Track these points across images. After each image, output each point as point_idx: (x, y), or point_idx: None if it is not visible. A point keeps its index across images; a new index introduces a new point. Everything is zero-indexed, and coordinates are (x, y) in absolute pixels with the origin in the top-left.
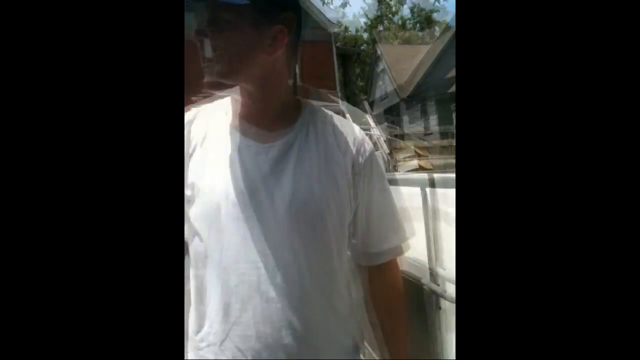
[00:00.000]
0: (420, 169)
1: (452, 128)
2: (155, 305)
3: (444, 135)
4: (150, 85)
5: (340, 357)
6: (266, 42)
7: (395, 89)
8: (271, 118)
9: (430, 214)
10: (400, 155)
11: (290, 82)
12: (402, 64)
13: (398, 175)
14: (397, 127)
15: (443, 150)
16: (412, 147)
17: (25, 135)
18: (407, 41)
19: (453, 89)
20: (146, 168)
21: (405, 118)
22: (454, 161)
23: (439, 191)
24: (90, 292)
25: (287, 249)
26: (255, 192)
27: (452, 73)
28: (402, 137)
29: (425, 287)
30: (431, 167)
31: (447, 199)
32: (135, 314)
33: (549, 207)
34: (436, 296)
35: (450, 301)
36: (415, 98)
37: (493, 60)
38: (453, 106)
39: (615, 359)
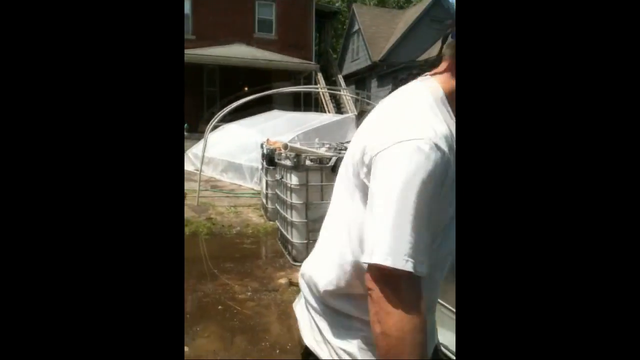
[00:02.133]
0: None
1: None
2: (155, 305)
3: None
4: (150, 85)
5: None
6: None
7: (367, 52)
8: None
9: None
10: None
11: None
12: (376, 26)
13: None
14: (365, 90)
15: None
16: None
17: (29, 134)
18: (382, 3)
19: (422, 56)
20: (146, 168)
21: (374, 82)
22: None
23: None
24: (90, 291)
25: None
26: None
27: (425, 41)
28: (369, 99)
29: None
30: None
31: None
32: (136, 314)
33: (549, 206)
34: None
35: None
36: (386, 62)
37: (493, 59)
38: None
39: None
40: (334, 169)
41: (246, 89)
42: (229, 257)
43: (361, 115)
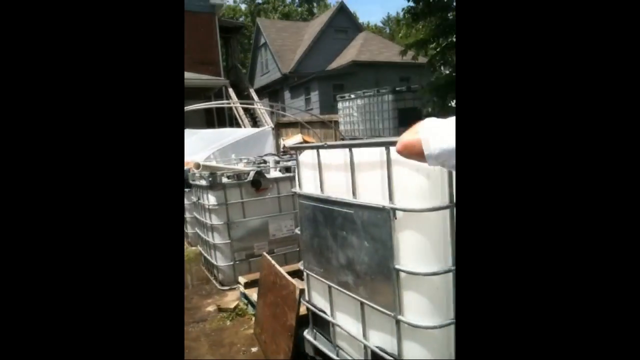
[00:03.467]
0: (305, 141)
1: (339, 101)
2: (156, 304)
3: (324, 109)
4: (150, 84)
5: None
6: None
7: (276, 64)
8: None
9: None
10: (282, 129)
11: None
12: (282, 39)
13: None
14: (279, 103)
15: (324, 125)
16: (297, 121)
17: (29, 133)
18: (286, 16)
19: (331, 67)
20: (147, 167)
21: (287, 94)
22: (333, 134)
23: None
24: (90, 291)
25: None
26: None
27: (331, 50)
28: (284, 110)
29: None
30: (314, 140)
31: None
32: (136, 313)
33: (549, 206)
34: None
35: None
36: (296, 73)
37: (493, 59)
38: (331, 83)
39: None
40: (254, 184)
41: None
42: None
43: (279, 126)
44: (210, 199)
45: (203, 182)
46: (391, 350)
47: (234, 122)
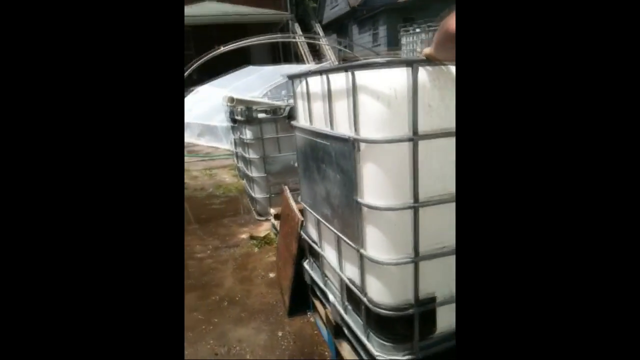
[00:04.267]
0: None
1: (402, 36)
2: (156, 304)
3: (390, 45)
4: (151, 83)
5: None
6: None
7: None
8: None
9: None
10: None
11: None
12: None
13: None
14: (346, 37)
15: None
16: (360, 57)
17: (29, 132)
18: None
19: None
20: (147, 166)
21: (355, 28)
22: None
23: None
24: (91, 290)
25: None
26: None
27: None
28: (351, 47)
29: None
30: None
31: None
32: (136, 313)
33: (548, 206)
34: None
35: None
36: (365, 8)
37: (492, 59)
38: (401, 17)
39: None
40: (289, 118)
41: (221, 47)
42: (196, 219)
43: (345, 61)
44: (247, 134)
45: (240, 117)
46: (358, 283)
47: (299, 58)
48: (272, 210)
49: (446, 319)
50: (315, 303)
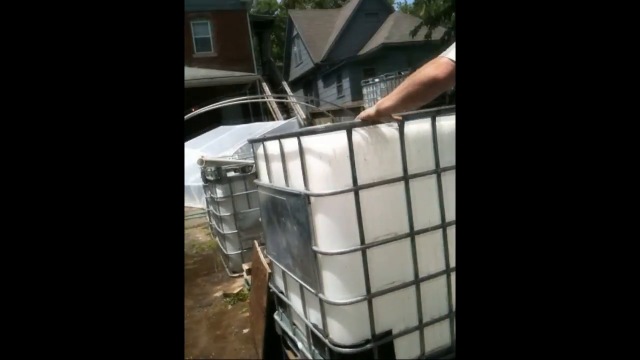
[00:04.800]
0: None
1: (364, 87)
2: (156, 304)
3: (354, 95)
4: (151, 85)
5: None
6: None
7: (309, 55)
8: None
9: None
10: (315, 119)
11: None
12: (314, 28)
13: None
14: (312, 93)
15: (355, 111)
16: (326, 112)
17: (30, 134)
18: (320, 4)
19: (362, 52)
20: (147, 168)
21: (320, 83)
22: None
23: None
24: (91, 291)
25: None
26: None
27: (362, 35)
28: (317, 102)
29: None
30: None
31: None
32: (136, 314)
33: (548, 205)
34: None
35: None
36: (328, 62)
37: (492, 59)
38: (362, 69)
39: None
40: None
41: (193, 109)
42: None
43: (314, 116)
44: (218, 192)
45: (211, 177)
46: (320, 326)
47: (268, 115)
48: (245, 266)
49: (404, 349)
50: (288, 354)
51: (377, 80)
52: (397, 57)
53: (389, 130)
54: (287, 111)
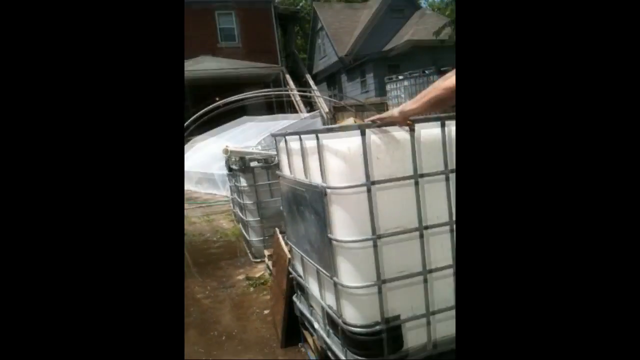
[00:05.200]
0: None
1: (387, 83)
2: (156, 305)
3: (378, 91)
4: (151, 86)
5: None
6: None
7: (333, 48)
8: None
9: None
10: (338, 113)
11: None
12: (339, 22)
13: None
14: (335, 86)
15: (378, 107)
16: (349, 107)
17: (30, 135)
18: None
19: (387, 48)
20: (147, 169)
21: (344, 77)
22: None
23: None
24: (91, 291)
25: None
26: None
27: (388, 31)
28: (340, 97)
29: None
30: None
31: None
32: (136, 314)
33: (548, 206)
34: None
35: None
36: (352, 56)
37: (492, 59)
38: (387, 65)
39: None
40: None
41: (217, 99)
42: (194, 263)
43: (337, 110)
44: (242, 181)
45: (235, 166)
46: (335, 308)
47: (292, 108)
48: (266, 252)
49: (412, 335)
50: (305, 334)
51: (401, 77)
52: (423, 55)
53: (400, 132)
54: (310, 104)
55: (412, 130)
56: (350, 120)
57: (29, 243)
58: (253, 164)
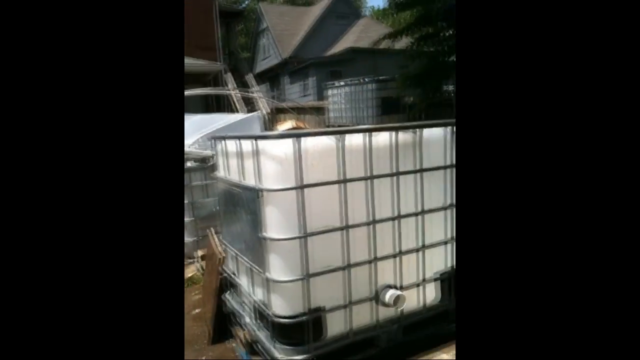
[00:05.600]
0: (296, 127)
1: (328, 89)
2: (156, 305)
3: (319, 97)
4: (151, 85)
5: None
6: None
7: (276, 49)
8: None
9: None
10: (279, 115)
11: None
12: (285, 24)
13: None
14: (278, 88)
15: (318, 111)
16: (289, 109)
17: (31, 135)
18: (291, 0)
19: (330, 52)
20: (147, 169)
21: (286, 79)
22: (326, 120)
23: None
24: (91, 291)
25: None
26: None
27: (331, 37)
28: (281, 98)
29: None
30: (305, 127)
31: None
32: (136, 314)
33: (549, 206)
34: None
35: None
36: (296, 59)
37: (492, 60)
38: (329, 70)
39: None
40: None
41: None
42: None
43: (278, 112)
44: None
45: None
46: (265, 302)
47: (231, 107)
48: (199, 252)
49: (334, 325)
50: (235, 330)
51: (341, 83)
52: (364, 61)
53: (330, 141)
54: (251, 103)
55: (340, 139)
56: (290, 123)
57: (29, 243)
58: (188, 163)
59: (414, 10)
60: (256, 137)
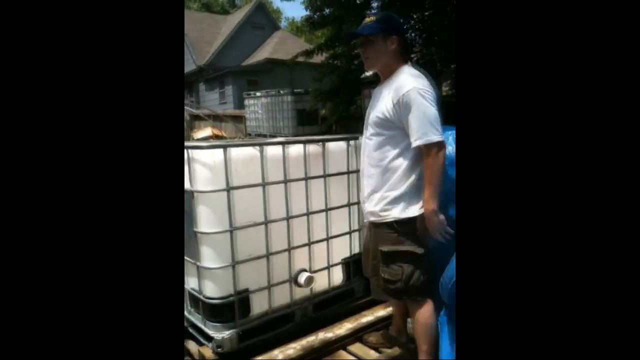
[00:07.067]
0: (214, 136)
1: (246, 98)
2: (156, 305)
3: (237, 105)
4: (151, 85)
5: None
6: (389, 47)
7: (191, 56)
8: (385, 79)
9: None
10: (195, 122)
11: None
12: (201, 31)
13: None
14: (192, 96)
15: (236, 119)
16: (205, 117)
17: (31, 134)
18: (207, 6)
19: (247, 62)
20: (147, 168)
21: (202, 86)
22: (243, 129)
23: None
24: (91, 291)
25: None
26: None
27: (248, 46)
28: (197, 105)
29: None
30: (223, 135)
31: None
32: (136, 314)
33: (548, 206)
34: None
35: None
36: (212, 66)
37: (491, 60)
38: (246, 79)
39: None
40: None
41: None
42: None
43: (194, 119)
44: None
45: None
46: (197, 288)
47: None
48: None
49: (257, 304)
50: None
51: (259, 94)
52: (281, 73)
53: (253, 150)
54: None
55: (260, 150)
56: (207, 131)
57: (28, 243)
58: None
59: (325, 30)
60: (189, 147)
